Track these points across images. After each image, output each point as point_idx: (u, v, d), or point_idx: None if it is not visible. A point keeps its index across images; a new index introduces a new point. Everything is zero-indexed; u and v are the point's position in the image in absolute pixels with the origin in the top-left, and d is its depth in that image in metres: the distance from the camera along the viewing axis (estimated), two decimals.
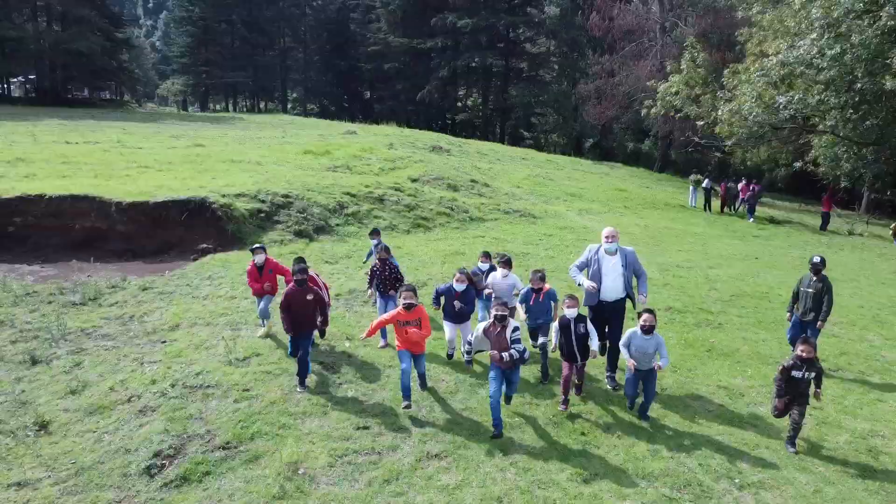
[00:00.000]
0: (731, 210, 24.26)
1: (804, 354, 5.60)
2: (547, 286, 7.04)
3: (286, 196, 13.73)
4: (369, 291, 8.18)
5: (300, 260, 7.33)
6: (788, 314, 7.75)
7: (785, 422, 5.89)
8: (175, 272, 10.48)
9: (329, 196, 14.51)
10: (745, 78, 23.12)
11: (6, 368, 6.83)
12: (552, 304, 6.98)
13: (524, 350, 5.77)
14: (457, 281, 7.11)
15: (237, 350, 7.17)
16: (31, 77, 56.32)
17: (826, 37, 19.71)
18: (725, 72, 25.18)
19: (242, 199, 12.94)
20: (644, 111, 30.94)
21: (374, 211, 14.84)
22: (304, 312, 6.48)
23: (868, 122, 21.51)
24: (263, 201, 13.17)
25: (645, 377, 6.11)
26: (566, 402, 6.35)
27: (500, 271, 7.73)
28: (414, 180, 18.71)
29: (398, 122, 46.57)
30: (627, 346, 6.13)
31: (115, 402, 6.13)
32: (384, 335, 7.69)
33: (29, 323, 8.01)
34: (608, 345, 6.98)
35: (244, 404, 6.07)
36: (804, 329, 7.47)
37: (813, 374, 5.65)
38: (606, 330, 6.92)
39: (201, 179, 14.65)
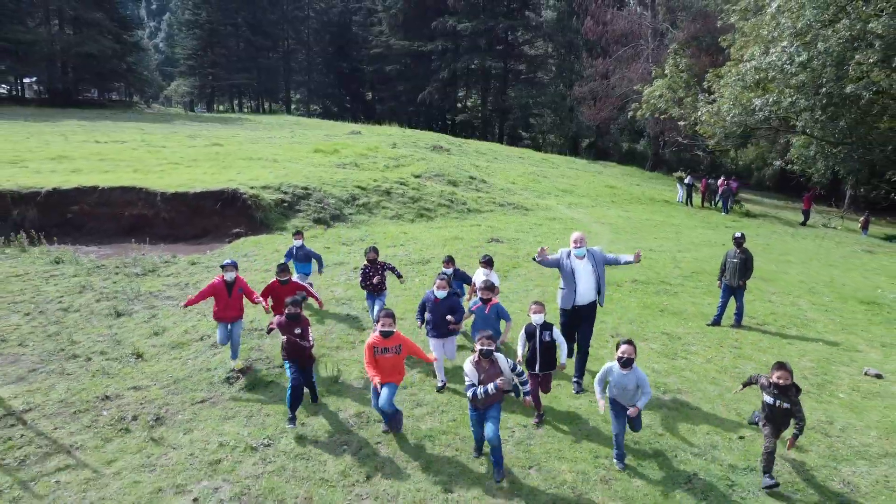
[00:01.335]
0: (710, 205, 26.05)
1: (780, 382, 5.13)
2: (496, 300, 6.75)
3: (305, 188, 15.52)
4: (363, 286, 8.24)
5: (283, 268, 7.46)
6: (719, 282, 9.54)
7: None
8: (215, 251, 12.27)
9: (342, 189, 16.30)
10: (724, 82, 24.90)
11: (98, 319, 8.61)
12: (500, 321, 6.68)
13: (523, 382, 5.43)
14: (437, 287, 6.74)
15: None
16: (36, 78, 57.67)
17: (795, 45, 21.47)
18: (707, 75, 26.92)
19: (268, 190, 14.74)
20: (630, 113, 32.73)
21: (382, 202, 16.63)
22: (295, 345, 6.06)
23: (836, 123, 23.28)
24: (286, 193, 14.96)
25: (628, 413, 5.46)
26: (540, 415, 6.27)
27: (481, 270, 7.90)
28: (417, 176, 20.49)
29: (399, 122, 48.26)
30: (602, 381, 5.47)
31: (190, 340, 7.91)
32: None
33: (105, 287, 9.80)
34: (576, 350, 7.04)
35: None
36: (732, 293, 9.28)
37: (787, 405, 5.15)
38: (576, 335, 6.95)
39: (228, 174, 16.43)
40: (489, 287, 6.71)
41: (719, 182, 26.14)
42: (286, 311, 6.03)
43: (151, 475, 5.14)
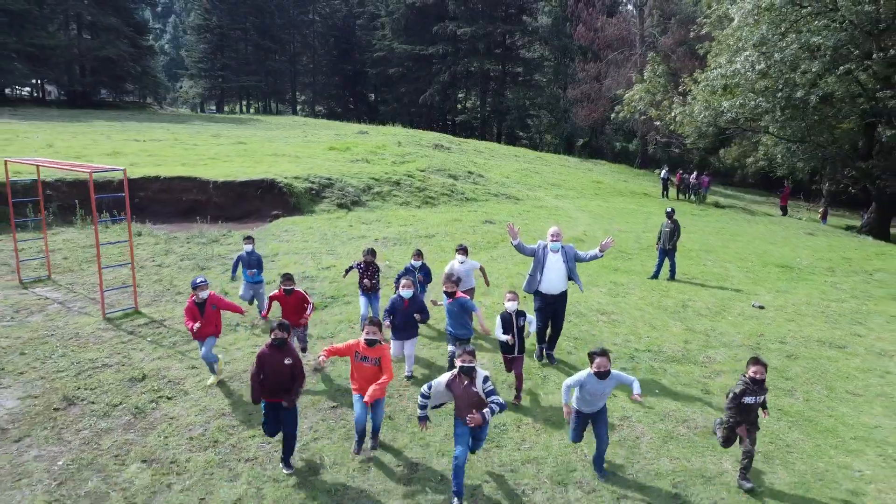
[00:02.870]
0: (685, 197, 28.87)
1: (757, 376, 5.23)
2: (460, 293, 6.94)
3: (328, 179, 18.36)
4: (344, 276, 8.92)
5: (287, 277, 7.29)
6: (656, 246, 12.41)
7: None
8: (260, 229, 15.10)
9: (359, 179, 19.14)
10: (699, 87, 27.72)
11: (186, 271, 11.43)
12: (466, 314, 6.90)
13: (503, 403, 4.90)
14: (403, 287, 6.81)
15: (321, 264, 11.77)
16: (53, 80, 60.06)
17: (755, 55, 24.28)
18: (683, 79, 29.73)
19: (298, 180, 17.57)
20: (613, 115, 35.59)
21: (392, 191, 19.46)
22: (279, 379, 5.34)
23: (796, 123, 26.10)
24: (313, 182, 17.80)
25: (595, 418, 5.37)
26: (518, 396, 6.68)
27: (458, 257, 8.23)
28: (422, 170, 23.31)
29: (402, 123, 51.12)
30: (570, 388, 5.31)
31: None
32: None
33: (184, 251, 12.63)
34: (550, 331, 7.70)
35: (334, 285, 10.66)
36: (665, 255, 12.11)
37: (762, 398, 5.32)
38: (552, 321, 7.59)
39: (261, 167, 19.25)
40: (454, 282, 6.92)
41: (692, 177, 28.96)
42: (272, 338, 5.35)
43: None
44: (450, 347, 7.02)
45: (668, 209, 12.47)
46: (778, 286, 12.06)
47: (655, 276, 12.19)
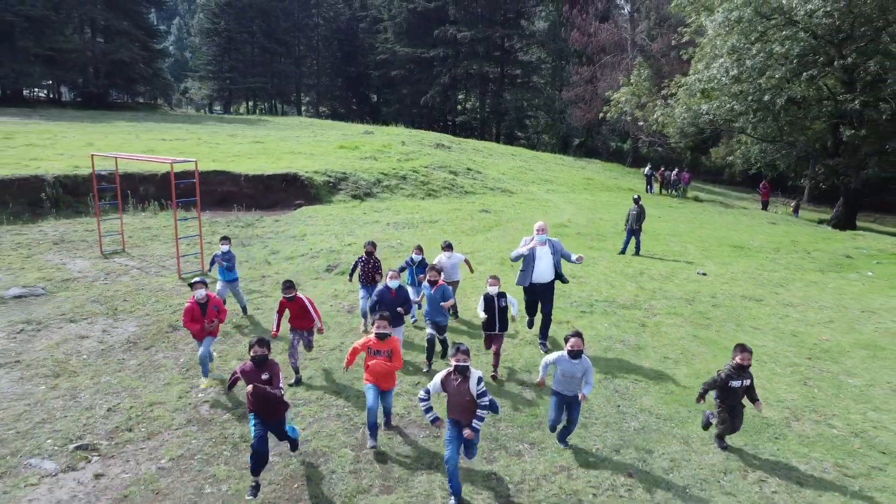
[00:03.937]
0: (667, 192, 31.23)
1: (743, 363, 5.62)
2: (441, 281, 7.55)
3: (343, 173, 20.72)
4: (350, 279, 9.21)
5: (289, 285, 7.28)
6: (625, 227, 14.76)
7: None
8: (287, 215, 17.46)
9: (370, 174, 21.50)
10: (679, 91, 30.10)
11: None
12: (445, 301, 7.48)
13: (495, 405, 5.54)
14: (390, 278, 7.33)
15: (344, 242, 14.13)
16: (67, 82, 62.28)
17: (730, 61, 26.63)
18: (666, 82, 32.09)
19: (317, 174, 19.93)
20: (601, 115, 37.99)
21: (399, 185, 21.82)
22: (258, 396, 5.33)
23: (769, 124, 28.44)
24: (330, 176, 20.16)
25: (570, 403, 5.93)
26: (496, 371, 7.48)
27: (444, 253, 8.94)
28: (425, 167, 25.64)
29: (404, 123, 53.39)
30: (548, 364, 5.90)
31: (297, 256, 13.08)
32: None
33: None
34: (542, 319, 8.31)
35: (357, 256, 12.99)
36: (632, 234, 14.46)
37: (748, 382, 5.64)
38: (539, 306, 8.30)
39: (283, 163, 21.60)
40: (438, 271, 7.69)
41: (673, 173, 31.34)
42: (251, 355, 5.46)
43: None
44: (428, 331, 7.64)
45: (635, 196, 14.87)
46: (724, 259, 14.41)
47: (623, 251, 14.53)
